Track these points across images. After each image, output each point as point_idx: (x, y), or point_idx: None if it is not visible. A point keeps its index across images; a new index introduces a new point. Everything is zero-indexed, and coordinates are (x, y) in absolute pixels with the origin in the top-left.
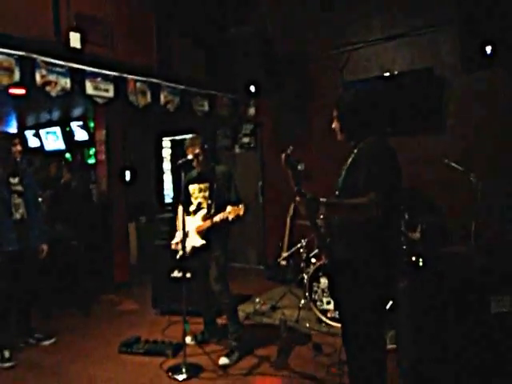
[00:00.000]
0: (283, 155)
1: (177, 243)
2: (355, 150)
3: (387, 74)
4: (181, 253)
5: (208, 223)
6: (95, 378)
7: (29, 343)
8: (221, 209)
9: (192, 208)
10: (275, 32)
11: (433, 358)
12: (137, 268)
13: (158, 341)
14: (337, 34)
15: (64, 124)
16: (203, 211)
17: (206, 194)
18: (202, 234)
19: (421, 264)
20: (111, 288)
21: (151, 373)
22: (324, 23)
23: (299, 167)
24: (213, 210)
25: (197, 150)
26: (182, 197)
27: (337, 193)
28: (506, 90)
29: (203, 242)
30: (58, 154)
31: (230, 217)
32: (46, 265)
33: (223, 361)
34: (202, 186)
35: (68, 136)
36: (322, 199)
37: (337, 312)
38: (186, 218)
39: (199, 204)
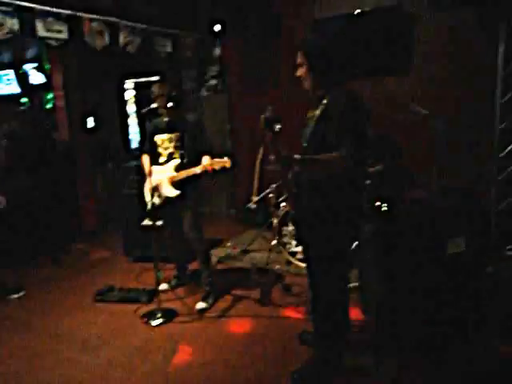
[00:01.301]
0: (262, 117)
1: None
2: (324, 101)
3: (357, 11)
4: (150, 203)
5: (185, 173)
6: (68, 328)
7: None
8: (195, 159)
9: (162, 158)
10: None
11: (394, 294)
12: (106, 216)
13: (132, 288)
14: None
15: (17, 66)
16: (176, 161)
17: (178, 143)
18: (176, 184)
19: (384, 209)
20: (81, 237)
21: (126, 320)
22: None
23: (277, 128)
24: (186, 160)
25: (165, 99)
26: (146, 146)
27: (304, 144)
28: (477, 31)
29: (178, 192)
30: (13, 98)
31: (216, 167)
32: (10, 216)
33: (200, 305)
34: (173, 135)
35: (23, 79)
36: (296, 156)
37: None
38: (154, 167)
39: (171, 154)
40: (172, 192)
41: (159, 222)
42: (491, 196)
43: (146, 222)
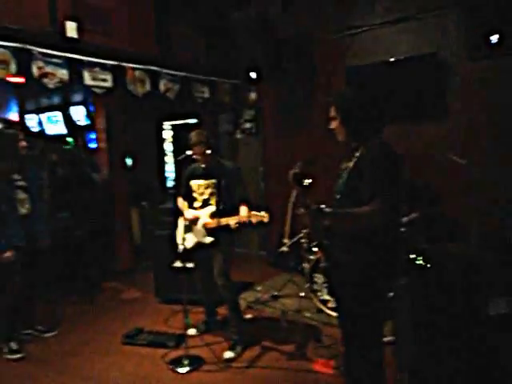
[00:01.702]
0: (291, 173)
1: (181, 238)
2: (357, 153)
3: (392, 59)
4: (182, 247)
5: (219, 222)
6: (98, 371)
7: (31, 335)
8: (230, 207)
9: (197, 204)
10: (277, 16)
11: (430, 352)
12: (140, 254)
13: (160, 332)
14: (340, 18)
15: (65, 108)
16: (211, 208)
17: (214, 190)
18: (210, 230)
19: (420, 263)
20: (114, 275)
21: (153, 365)
22: (327, 6)
23: (306, 183)
24: (221, 207)
25: (203, 148)
26: (182, 190)
27: (337, 196)
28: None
29: (212, 239)
30: (60, 138)
31: (253, 220)
32: (49, 254)
33: (228, 354)
34: (209, 182)
35: (69, 120)
36: (326, 209)
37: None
38: (190, 211)
39: (206, 200)
40: (206, 239)
41: (190, 265)
42: None
43: (177, 263)
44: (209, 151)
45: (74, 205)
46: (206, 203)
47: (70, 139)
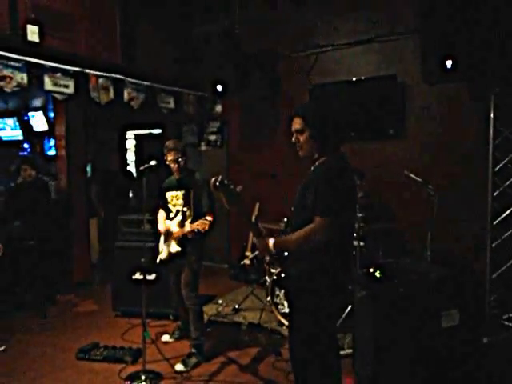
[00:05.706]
0: (212, 180)
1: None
2: (312, 168)
3: (354, 78)
4: (159, 258)
5: (182, 231)
6: None
7: None
8: (199, 217)
9: (171, 214)
10: (243, 31)
11: (389, 364)
12: (98, 266)
13: (116, 346)
14: (305, 36)
15: (21, 114)
16: (178, 218)
17: (183, 200)
18: (177, 240)
19: (378, 276)
20: (70, 287)
21: (109, 381)
22: (293, 24)
23: (238, 188)
24: (188, 218)
25: (177, 155)
26: (161, 201)
27: (292, 209)
28: (466, 102)
29: (178, 248)
30: (15, 143)
31: (200, 228)
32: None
33: (178, 367)
34: (179, 193)
35: (26, 126)
36: (270, 240)
37: None
38: (167, 222)
39: (178, 211)
40: (173, 248)
41: (150, 277)
42: (486, 264)
43: (137, 275)
44: (182, 160)
45: (28, 213)
46: (178, 214)
47: (26, 145)
